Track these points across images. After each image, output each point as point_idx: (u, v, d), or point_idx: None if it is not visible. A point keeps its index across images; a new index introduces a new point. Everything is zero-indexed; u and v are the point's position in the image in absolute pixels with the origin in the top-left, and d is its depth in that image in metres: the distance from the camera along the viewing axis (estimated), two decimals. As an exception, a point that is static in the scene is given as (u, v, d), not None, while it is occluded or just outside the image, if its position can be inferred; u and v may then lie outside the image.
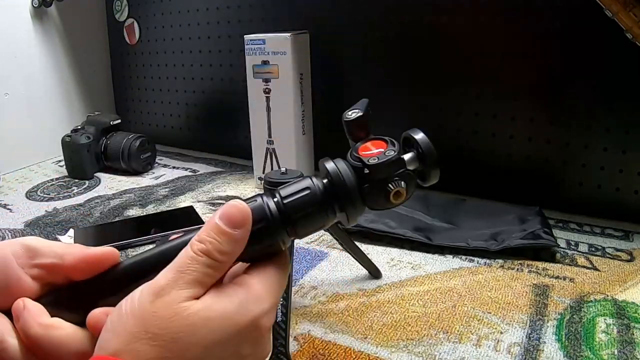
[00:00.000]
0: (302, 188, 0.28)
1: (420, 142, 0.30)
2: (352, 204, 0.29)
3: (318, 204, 0.28)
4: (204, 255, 0.25)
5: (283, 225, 0.28)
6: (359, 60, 0.97)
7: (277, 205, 0.28)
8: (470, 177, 0.90)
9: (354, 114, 0.31)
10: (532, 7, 0.78)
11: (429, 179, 0.31)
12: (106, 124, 1.09)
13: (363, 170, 0.29)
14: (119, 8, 1.31)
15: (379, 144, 0.30)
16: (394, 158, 0.29)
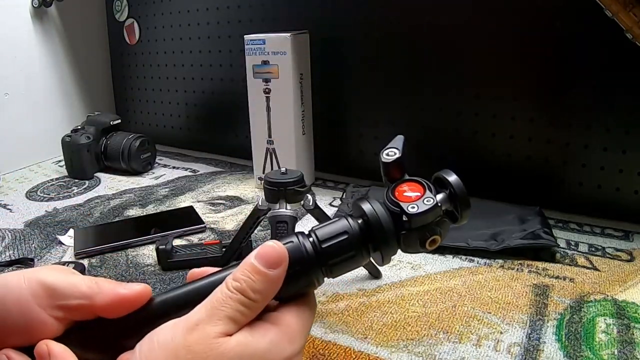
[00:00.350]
0: (340, 232, 0.29)
1: (454, 184, 0.31)
2: (388, 246, 0.29)
3: (355, 247, 0.29)
4: (238, 294, 0.26)
5: (319, 267, 0.28)
6: (359, 60, 0.97)
7: (314, 247, 0.28)
8: (470, 177, 0.90)
9: (392, 155, 0.31)
10: (533, 7, 0.78)
11: (461, 220, 0.31)
12: (106, 124, 1.09)
13: (401, 216, 0.29)
14: (119, 8, 1.31)
15: (415, 187, 0.30)
16: (432, 206, 0.29)
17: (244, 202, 0.91)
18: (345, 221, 0.29)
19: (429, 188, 0.30)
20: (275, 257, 0.27)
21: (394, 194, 0.30)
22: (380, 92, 0.96)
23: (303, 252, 0.28)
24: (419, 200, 0.29)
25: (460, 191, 0.31)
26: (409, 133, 0.94)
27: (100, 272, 0.67)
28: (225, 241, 0.70)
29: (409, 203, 0.29)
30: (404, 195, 0.30)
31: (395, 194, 0.30)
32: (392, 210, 0.29)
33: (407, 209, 0.29)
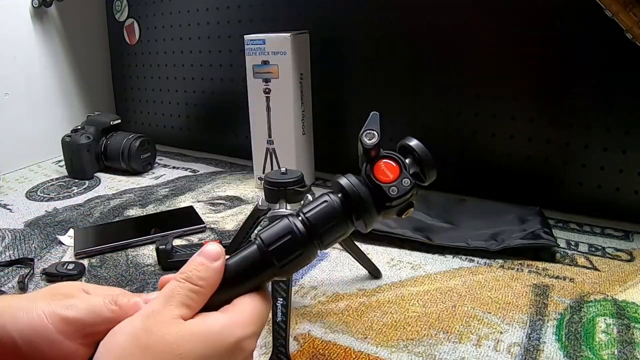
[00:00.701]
0: (321, 202, 0.32)
1: (416, 148, 0.34)
2: (370, 215, 0.33)
3: (338, 215, 0.32)
4: (186, 282, 0.29)
5: (310, 238, 0.31)
6: (359, 60, 0.97)
7: (303, 222, 0.31)
8: (470, 177, 0.90)
9: (373, 140, 0.34)
10: (533, 7, 0.78)
11: (428, 178, 0.35)
12: (106, 124, 1.09)
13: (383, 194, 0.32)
14: (119, 8, 1.31)
15: (391, 167, 0.33)
16: (410, 188, 0.33)
17: (244, 202, 0.91)
18: (326, 196, 0.33)
19: (404, 166, 0.33)
20: (214, 253, 0.30)
21: (374, 173, 0.33)
22: (380, 92, 0.96)
23: (295, 230, 0.31)
24: (397, 181, 0.33)
25: (424, 154, 0.34)
26: (409, 133, 0.94)
27: (100, 272, 0.67)
28: (225, 241, 0.70)
29: (389, 184, 0.32)
30: (382, 175, 0.33)
31: (375, 174, 0.33)
32: (373, 187, 0.32)
33: (389, 191, 0.32)
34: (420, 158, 0.34)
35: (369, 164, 0.33)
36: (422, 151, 0.34)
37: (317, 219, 0.32)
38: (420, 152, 0.34)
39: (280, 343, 0.47)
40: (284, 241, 0.31)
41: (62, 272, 0.65)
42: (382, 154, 0.34)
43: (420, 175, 0.34)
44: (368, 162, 0.33)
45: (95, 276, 0.66)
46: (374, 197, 0.32)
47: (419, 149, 0.34)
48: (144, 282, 0.65)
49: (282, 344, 0.47)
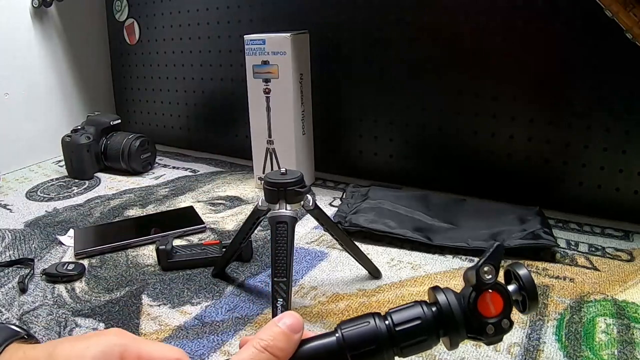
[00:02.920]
0: (415, 317, 0.31)
1: (524, 277, 0.33)
2: (458, 335, 0.32)
3: (426, 332, 0.31)
4: (266, 351, 0.29)
5: (391, 347, 0.31)
6: (359, 60, 0.97)
7: (388, 329, 0.31)
8: (470, 177, 0.90)
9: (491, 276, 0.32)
10: (533, 7, 0.78)
11: (529, 310, 0.33)
12: (106, 124, 1.09)
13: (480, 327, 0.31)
14: (119, 8, 1.31)
15: (497, 301, 0.32)
16: (507, 329, 0.31)
17: (244, 202, 0.91)
18: (419, 307, 0.32)
19: (509, 304, 0.32)
20: (297, 325, 0.30)
21: (477, 304, 0.32)
22: (380, 92, 0.96)
23: (378, 333, 0.30)
24: (497, 319, 0.31)
25: (530, 285, 0.32)
26: (409, 133, 0.95)
27: (100, 273, 0.67)
28: (225, 241, 0.70)
29: (488, 320, 0.31)
30: (486, 309, 0.32)
31: (479, 305, 0.32)
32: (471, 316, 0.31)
33: (487, 329, 0.31)
34: (526, 289, 0.32)
35: (475, 292, 0.32)
36: (529, 282, 0.32)
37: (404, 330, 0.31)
38: (526, 283, 0.33)
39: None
40: (364, 343, 0.30)
41: (62, 272, 0.65)
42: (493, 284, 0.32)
43: (520, 305, 0.33)
44: (474, 289, 0.32)
45: (95, 276, 0.66)
46: (468, 323, 0.31)
47: (526, 279, 0.33)
48: (144, 282, 0.65)
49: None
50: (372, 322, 0.31)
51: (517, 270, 0.33)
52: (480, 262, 0.32)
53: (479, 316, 0.31)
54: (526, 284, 0.32)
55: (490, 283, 0.32)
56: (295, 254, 0.70)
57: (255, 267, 0.68)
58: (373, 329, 0.30)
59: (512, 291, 0.33)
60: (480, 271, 0.32)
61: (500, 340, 0.32)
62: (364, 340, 0.30)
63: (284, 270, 0.51)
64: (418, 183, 0.94)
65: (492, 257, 0.32)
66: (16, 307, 0.59)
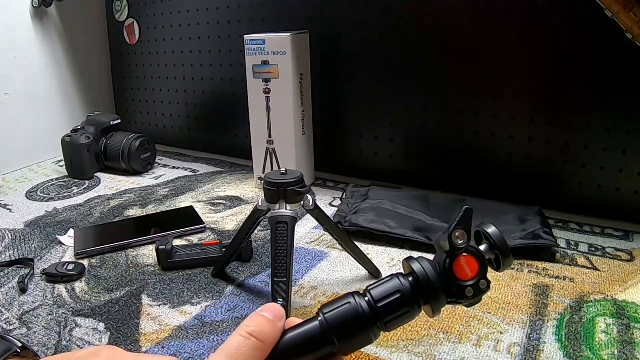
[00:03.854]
0: (394, 291, 0.31)
1: (494, 235, 0.33)
2: (439, 302, 0.32)
3: (408, 304, 0.31)
4: (252, 337, 0.29)
5: (375, 323, 0.31)
6: (359, 60, 0.97)
7: (370, 306, 0.31)
8: (470, 177, 0.90)
9: (464, 240, 0.32)
10: (533, 7, 0.78)
11: (503, 267, 0.34)
12: (106, 124, 1.09)
13: (458, 291, 0.32)
14: (119, 8, 1.31)
15: (472, 263, 0.32)
16: (485, 289, 0.32)
17: (244, 202, 0.91)
18: (397, 280, 0.32)
19: (484, 264, 0.32)
20: (280, 314, 0.31)
21: (453, 269, 0.32)
22: (380, 92, 0.96)
23: (360, 312, 0.30)
24: (475, 281, 0.32)
25: (501, 243, 0.33)
26: (409, 133, 0.95)
27: (100, 273, 0.67)
28: (225, 241, 0.70)
29: (466, 281, 0.32)
30: (462, 272, 0.32)
31: (454, 270, 0.32)
32: (449, 281, 0.32)
33: (466, 292, 0.32)
34: (498, 246, 0.33)
35: (449, 258, 0.32)
36: (500, 240, 0.33)
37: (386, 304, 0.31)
38: (497, 241, 0.33)
39: (280, 343, 0.47)
40: (348, 323, 0.30)
41: (62, 272, 0.65)
42: (466, 249, 0.33)
43: (494, 263, 0.34)
44: (448, 255, 0.32)
45: (95, 276, 0.66)
46: (446, 288, 0.32)
47: (496, 237, 0.33)
48: (144, 282, 0.65)
49: (282, 344, 0.47)
50: (353, 301, 0.31)
51: (486, 230, 0.34)
52: (451, 228, 0.32)
53: (457, 280, 0.32)
54: (497, 242, 0.33)
55: (463, 247, 0.32)
56: (295, 254, 0.70)
57: (255, 267, 0.68)
58: (355, 308, 0.30)
59: (484, 251, 0.33)
60: (453, 237, 0.32)
61: (479, 301, 0.32)
62: (347, 321, 0.30)
63: (284, 270, 0.51)
64: (418, 183, 0.94)
65: (462, 222, 0.33)
66: (16, 307, 0.59)
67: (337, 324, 0.30)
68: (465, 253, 0.32)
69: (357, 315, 0.30)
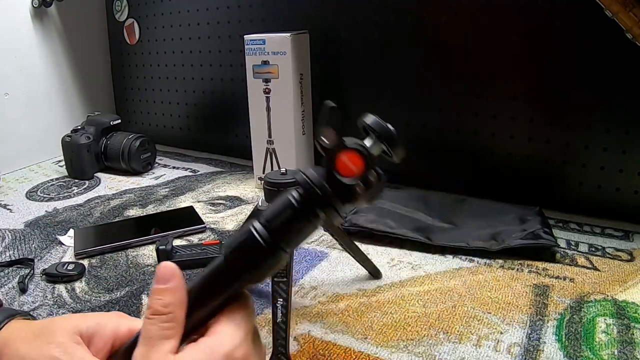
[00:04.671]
0: (285, 207, 0.30)
1: (374, 125, 0.31)
2: (332, 205, 0.30)
3: (304, 216, 0.30)
4: (155, 315, 0.29)
5: (276, 243, 0.30)
6: (358, 60, 0.97)
7: (266, 228, 0.30)
8: (470, 177, 0.90)
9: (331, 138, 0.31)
10: (533, 7, 0.78)
11: (396, 154, 0.32)
12: (106, 124, 1.09)
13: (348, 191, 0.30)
14: (119, 8, 1.31)
15: (355, 159, 0.31)
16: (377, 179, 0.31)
17: (244, 202, 0.91)
18: (286, 196, 0.30)
19: (369, 157, 0.31)
20: (167, 273, 0.30)
21: (336, 169, 0.31)
22: (380, 92, 0.96)
23: (258, 237, 0.29)
24: (363, 175, 0.30)
25: (384, 131, 0.31)
26: (409, 133, 0.95)
27: (100, 272, 0.67)
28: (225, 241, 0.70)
29: (355, 177, 0.30)
30: (346, 170, 0.30)
31: (337, 169, 0.30)
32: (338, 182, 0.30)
33: (355, 188, 0.30)
34: (382, 135, 0.31)
35: (328, 159, 0.31)
36: (381, 128, 0.31)
37: (279, 223, 0.30)
38: (380, 130, 0.31)
39: (280, 343, 0.47)
40: (248, 249, 0.29)
41: (62, 272, 0.65)
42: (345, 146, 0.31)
43: (387, 153, 0.32)
44: (327, 156, 0.31)
45: (95, 276, 0.66)
46: (338, 191, 0.30)
47: (377, 126, 0.31)
48: (144, 282, 0.65)
49: (282, 345, 0.47)
50: (250, 227, 0.30)
51: (366, 122, 0.32)
52: (316, 131, 0.31)
53: (344, 179, 0.30)
54: (380, 131, 0.31)
55: (337, 144, 0.31)
56: (296, 253, 0.70)
57: (255, 267, 0.68)
58: (251, 234, 0.29)
59: (371, 144, 0.31)
60: (320, 139, 0.31)
61: (380, 192, 0.31)
62: (248, 249, 0.29)
63: (284, 270, 0.51)
64: (418, 183, 0.94)
65: (322, 121, 0.31)
66: (16, 307, 0.59)
67: (239, 255, 0.29)
68: (344, 150, 0.31)
69: (255, 239, 0.29)
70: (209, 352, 0.28)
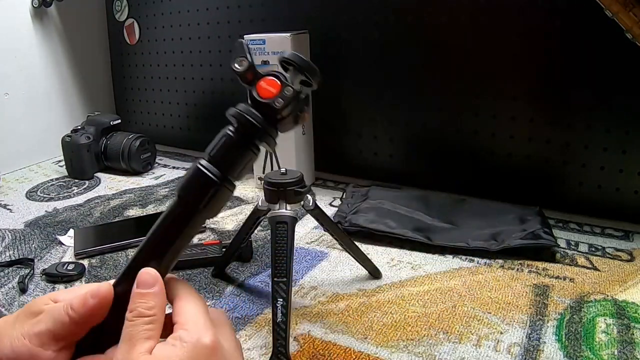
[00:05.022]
0: (222, 137, 0.35)
1: (292, 58, 0.37)
2: (267, 133, 0.35)
3: (237, 145, 0.34)
4: (139, 317, 0.31)
5: (223, 175, 0.33)
6: (358, 60, 0.97)
7: (211, 161, 0.33)
8: (470, 177, 0.90)
9: (243, 64, 0.36)
10: (533, 7, 0.78)
11: (314, 81, 0.38)
12: (106, 124, 1.09)
13: (271, 109, 0.35)
14: (119, 8, 1.31)
15: (272, 82, 0.36)
16: (293, 94, 0.35)
17: (244, 202, 0.91)
18: (224, 131, 0.35)
19: (284, 77, 0.36)
20: (150, 279, 0.32)
21: (257, 92, 0.36)
22: (380, 92, 0.96)
23: (205, 171, 0.33)
24: (280, 93, 0.35)
25: (300, 60, 0.37)
26: (409, 133, 0.95)
27: (100, 273, 0.67)
28: (225, 241, 0.70)
29: (272, 99, 0.35)
30: (265, 92, 0.36)
31: (258, 93, 0.36)
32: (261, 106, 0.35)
33: (275, 104, 0.35)
34: (300, 65, 0.36)
35: (251, 87, 0.36)
36: (298, 58, 0.36)
37: (223, 155, 0.33)
38: (296, 61, 0.36)
39: (280, 343, 0.47)
40: (199, 184, 0.32)
41: (62, 272, 0.65)
42: (261, 74, 0.36)
43: (307, 82, 0.37)
44: (250, 85, 0.36)
45: (95, 276, 0.66)
46: (265, 115, 0.35)
47: (294, 58, 0.36)
48: (144, 282, 0.65)
49: (282, 345, 0.47)
50: (197, 165, 0.33)
51: (284, 56, 0.37)
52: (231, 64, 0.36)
53: (264, 102, 0.35)
54: (297, 61, 0.36)
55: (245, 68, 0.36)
56: (295, 254, 0.70)
57: (255, 267, 0.68)
58: (199, 170, 0.33)
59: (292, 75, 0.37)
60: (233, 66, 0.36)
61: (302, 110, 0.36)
62: (199, 184, 0.33)
63: (284, 270, 0.51)
64: (418, 183, 0.94)
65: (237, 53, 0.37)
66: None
67: (190, 189, 0.32)
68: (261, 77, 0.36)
69: (203, 173, 0.32)
70: (180, 345, 0.30)
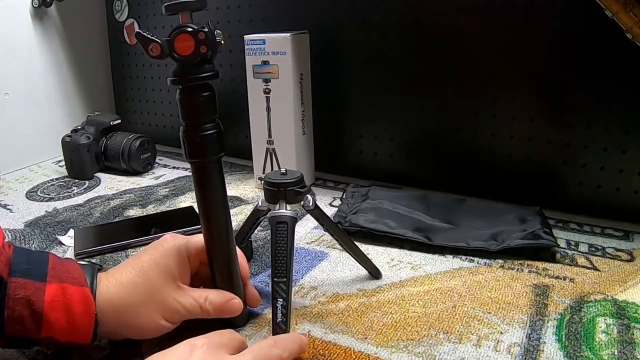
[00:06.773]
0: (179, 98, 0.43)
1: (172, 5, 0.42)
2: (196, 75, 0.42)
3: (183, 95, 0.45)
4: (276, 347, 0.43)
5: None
6: (358, 60, 0.97)
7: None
8: (470, 177, 0.90)
9: (155, 50, 0.43)
10: (532, 7, 0.78)
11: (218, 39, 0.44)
12: (106, 124, 1.09)
13: (187, 61, 0.43)
14: (119, 8, 1.31)
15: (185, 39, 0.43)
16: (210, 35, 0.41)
17: (244, 202, 0.91)
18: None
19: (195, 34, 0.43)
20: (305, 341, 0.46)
21: (175, 50, 0.44)
22: (380, 92, 0.96)
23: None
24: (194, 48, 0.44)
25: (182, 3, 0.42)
26: (409, 133, 0.95)
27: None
28: (225, 241, 0.70)
29: (190, 54, 0.43)
30: (182, 48, 0.43)
31: (177, 51, 0.44)
32: (182, 60, 0.42)
33: (201, 52, 0.42)
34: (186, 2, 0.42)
35: (167, 46, 0.44)
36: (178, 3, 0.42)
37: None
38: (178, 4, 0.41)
39: (280, 343, 0.47)
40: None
41: (62, 272, 0.65)
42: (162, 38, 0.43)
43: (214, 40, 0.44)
44: (168, 48, 0.44)
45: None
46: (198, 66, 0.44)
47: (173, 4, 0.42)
48: (144, 282, 0.65)
49: (282, 344, 0.47)
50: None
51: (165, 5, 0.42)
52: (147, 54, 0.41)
53: (183, 56, 0.43)
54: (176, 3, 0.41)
55: (161, 49, 0.43)
56: (295, 254, 0.70)
57: (255, 267, 0.68)
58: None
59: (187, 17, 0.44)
60: (147, 48, 0.42)
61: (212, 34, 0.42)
62: None
63: (284, 270, 0.51)
64: (418, 183, 0.94)
65: (143, 44, 0.42)
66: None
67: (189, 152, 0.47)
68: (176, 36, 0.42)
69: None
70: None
